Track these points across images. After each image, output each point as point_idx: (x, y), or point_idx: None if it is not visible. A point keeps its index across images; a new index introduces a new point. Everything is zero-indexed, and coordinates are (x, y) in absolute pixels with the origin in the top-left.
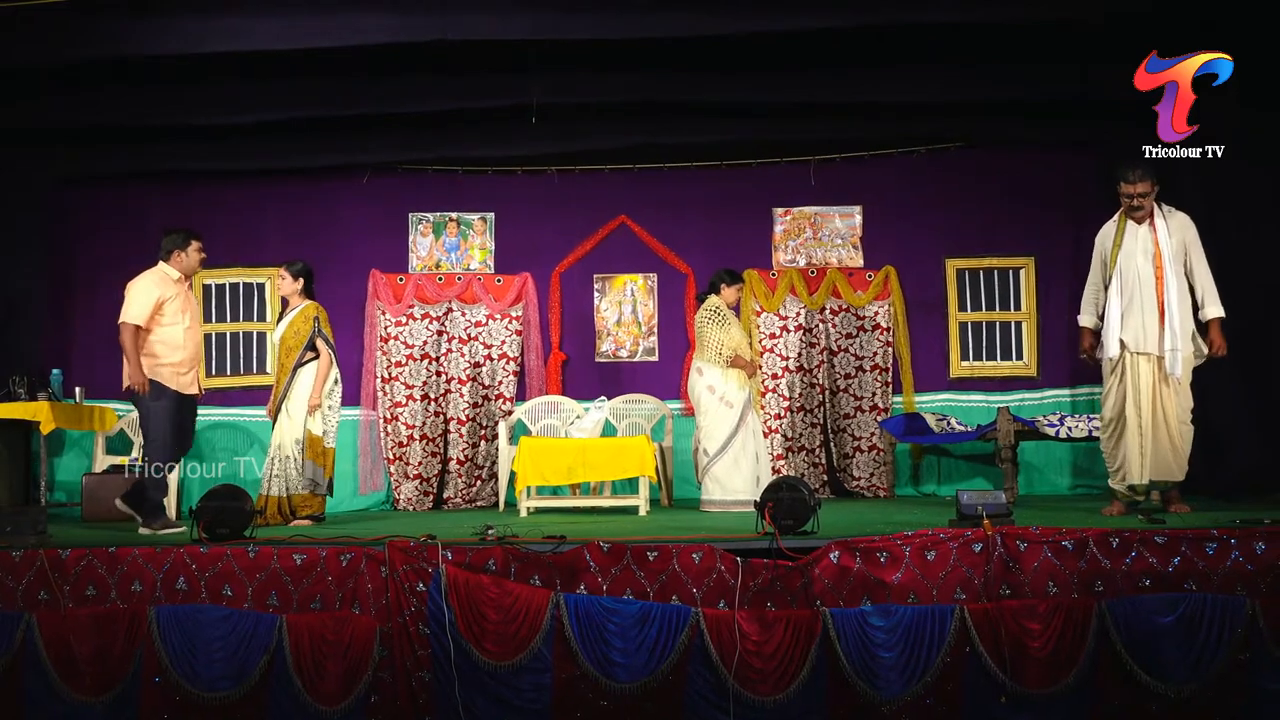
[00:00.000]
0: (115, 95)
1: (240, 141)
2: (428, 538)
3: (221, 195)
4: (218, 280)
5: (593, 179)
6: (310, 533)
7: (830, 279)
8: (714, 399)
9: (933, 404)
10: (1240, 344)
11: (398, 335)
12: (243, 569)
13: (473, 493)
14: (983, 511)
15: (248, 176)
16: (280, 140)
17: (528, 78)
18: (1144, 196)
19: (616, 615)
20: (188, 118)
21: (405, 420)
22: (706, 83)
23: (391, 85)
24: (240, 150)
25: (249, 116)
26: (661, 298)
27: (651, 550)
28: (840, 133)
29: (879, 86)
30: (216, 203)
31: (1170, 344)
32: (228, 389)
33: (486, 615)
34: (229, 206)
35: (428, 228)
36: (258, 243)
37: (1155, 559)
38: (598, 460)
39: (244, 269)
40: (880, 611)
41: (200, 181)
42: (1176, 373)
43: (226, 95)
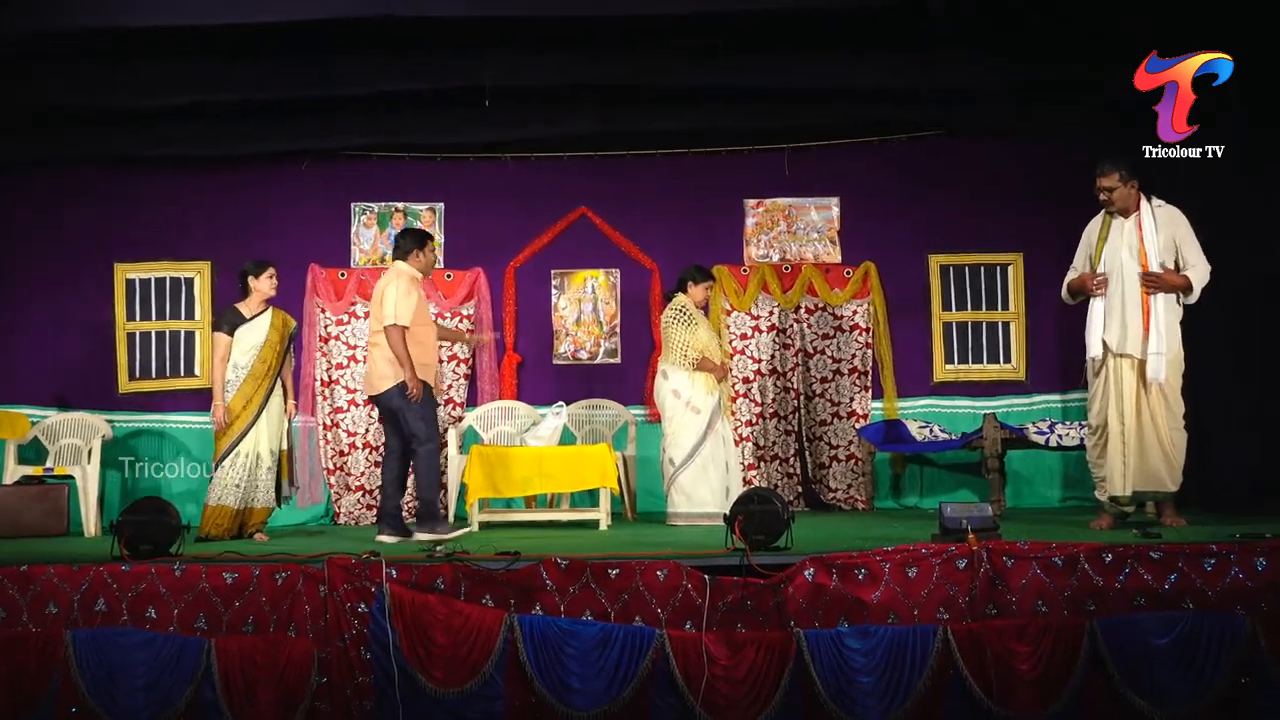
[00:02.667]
0: (23, 74)
1: (167, 125)
2: (370, 554)
3: (146, 184)
4: (141, 275)
5: (550, 167)
6: (242, 549)
7: (805, 276)
8: (680, 404)
9: (915, 410)
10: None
11: (339, 335)
12: (168, 589)
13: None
14: (967, 525)
15: (175, 164)
16: (211, 124)
17: (481, 58)
18: (1109, 191)
19: (575, 637)
20: (108, 99)
21: (347, 427)
22: (673, 65)
23: (333, 65)
24: (167, 135)
25: (176, 98)
26: (624, 295)
27: (613, 567)
28: (817, 119)
29: (858, 69)
30: (140, 192)
31: (1154, 346)
32: (152, 393)
33: (434, 638)
34: (154, 196)
35: (371, 219)
36: (185, 235)
37: (1150, 576)
38: (555, 470)
39: (170, 263)
40: (858, 633)
41: (123, 169)
42: (1160, 378)
43: (152, 75)
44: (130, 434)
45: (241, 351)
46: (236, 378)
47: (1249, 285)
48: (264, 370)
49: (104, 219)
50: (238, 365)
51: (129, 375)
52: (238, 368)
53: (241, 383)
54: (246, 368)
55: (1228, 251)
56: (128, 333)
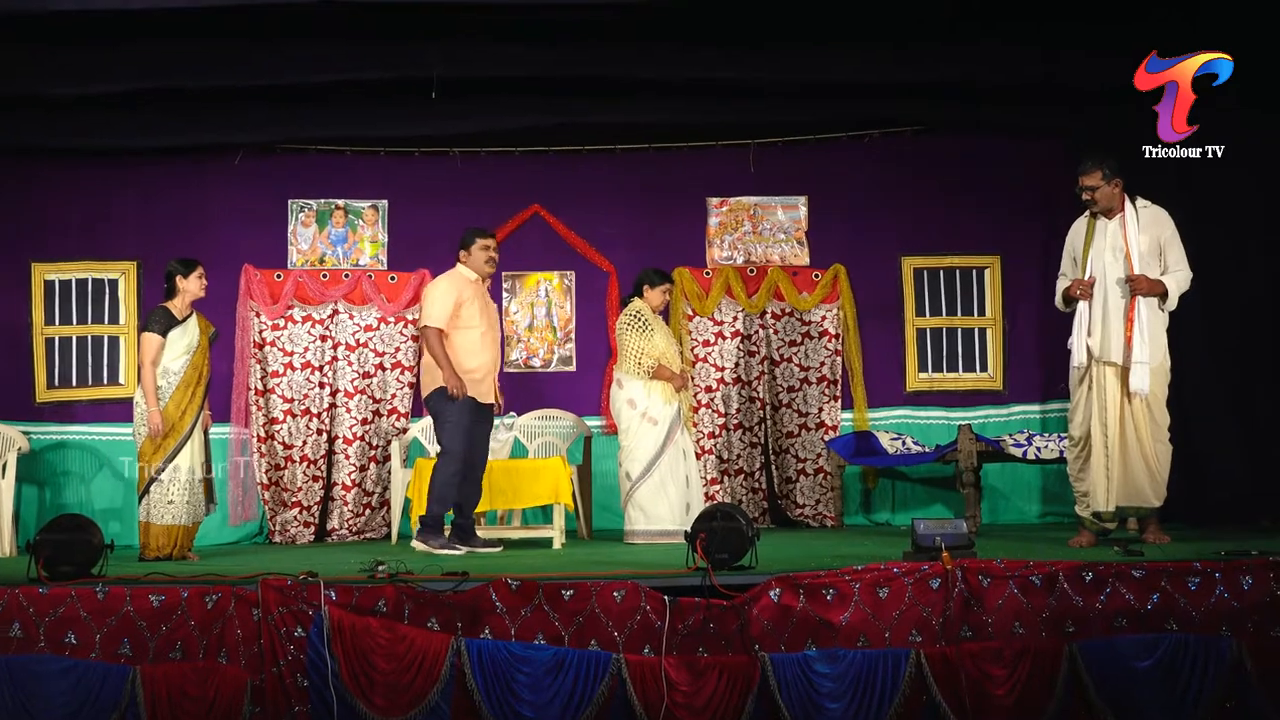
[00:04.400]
0: None
1: (91, 115)
2: (308, 575)
3: (67, 178)
4: (61, 276)
5: (501, 163)
6: (170, 569)
7: (772, 279)
8: (635, 414)
9: (887, 421)
10: (1226, 356)
11: (274, 341)
12: (89, 613)
13: (361, 523)
14: (941, 543)
15: (99, 156)
16: (139, 114)
17: (427, 46)
18: (1092, 190)
19: (526, 663)
20: (28, 86)
21: (282, 439)
22: (632, 55)
23: (270, 52)
24: (91, 125)
25: (101, 86)
26: (580, 299)
27: (567, 588)
28: (784, 113)
29: (827, 61)
30: (60, 187)
31: (1138, 354)
32: (72, 403)
33: (376, 664)
34: (76, 191)
35: (310, 217)
36: (111, 233)
37: (1132, 595)
38: (506, 485)
39: (94, 263)
40: (826, 657)
41: (42, 162)
42: (1143, 390)
43: (74, 60)
44: (49, 446)
45: (174, 356)
46: (168, 384)
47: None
48: (195, 377)
49: (21, 215)
50: (169, 371)
51: (47, 383)
52: (169, 373)
53: (174, 390)
54: (179, 374)
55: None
56: (46, 337)
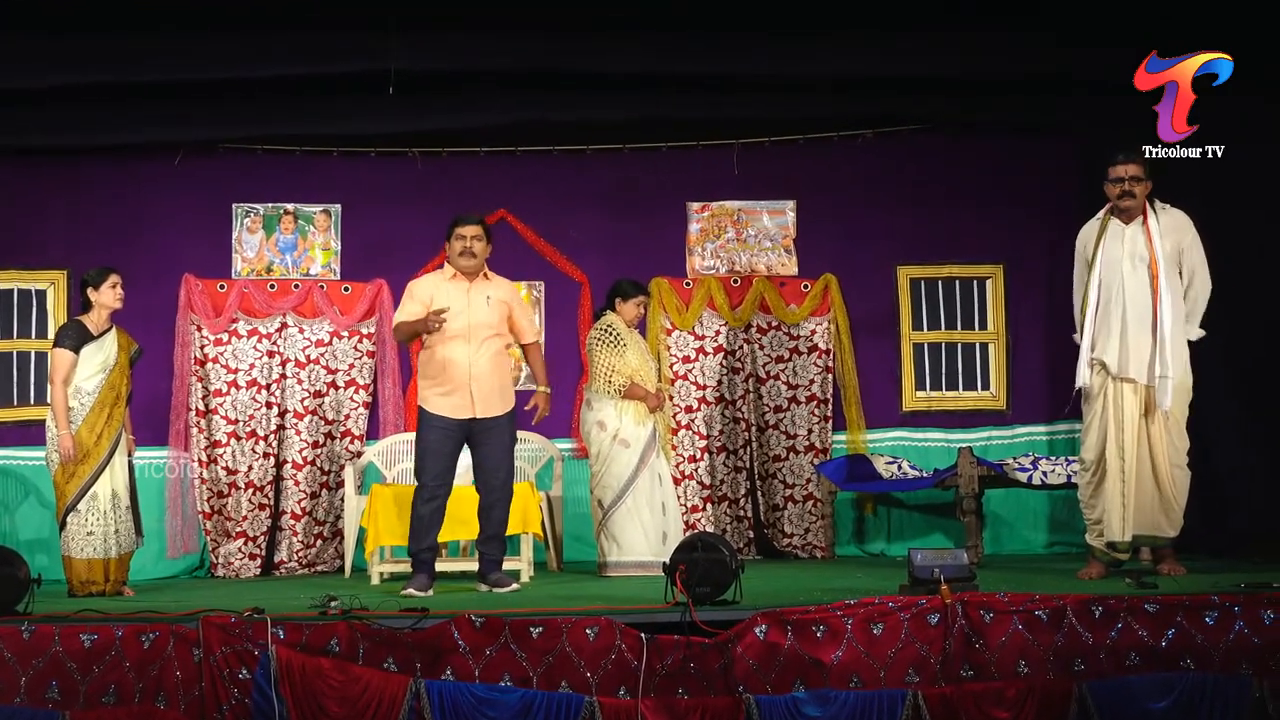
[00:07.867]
0: None
1: (17, 111)
2: (253, 612)
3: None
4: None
5: (464, 164)
6: (103, 606)
7: (757, 290)
8: (606, 437)
9: (881, 443)
10: (1245, 375)
11: (217, 357)
12: (14, 654)
13: (312, 555)
14: (940, 575)
15: (24, 156)
16: (70, 110)
17: (385, 37)
18: (1136, 181)
19: (492, 706)
20: None
21: (226, 464)
22: (605, 47)
23: (214, 44)
24: (15, 122)
25: (29, 80)
26: (550, 312)
27: (535, 625)
28: (770, 110)
29: (815, 55)
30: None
31: (1161, 369)
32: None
33: (327, 708)
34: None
35: (256, 222)
36: (37, 239)
37: (1145, 631)
38: (469, 514)
39: (17, 272)
40: (816, 698)
41: None
42: (1165, 405)
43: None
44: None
45: (87, 375)
46: (81, 405)
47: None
48: (113, 398)
49: None
50: (81, 391)
51: None
52: (82, 394)
53: (88, 411)
54: (93, 394)
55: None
56: None
